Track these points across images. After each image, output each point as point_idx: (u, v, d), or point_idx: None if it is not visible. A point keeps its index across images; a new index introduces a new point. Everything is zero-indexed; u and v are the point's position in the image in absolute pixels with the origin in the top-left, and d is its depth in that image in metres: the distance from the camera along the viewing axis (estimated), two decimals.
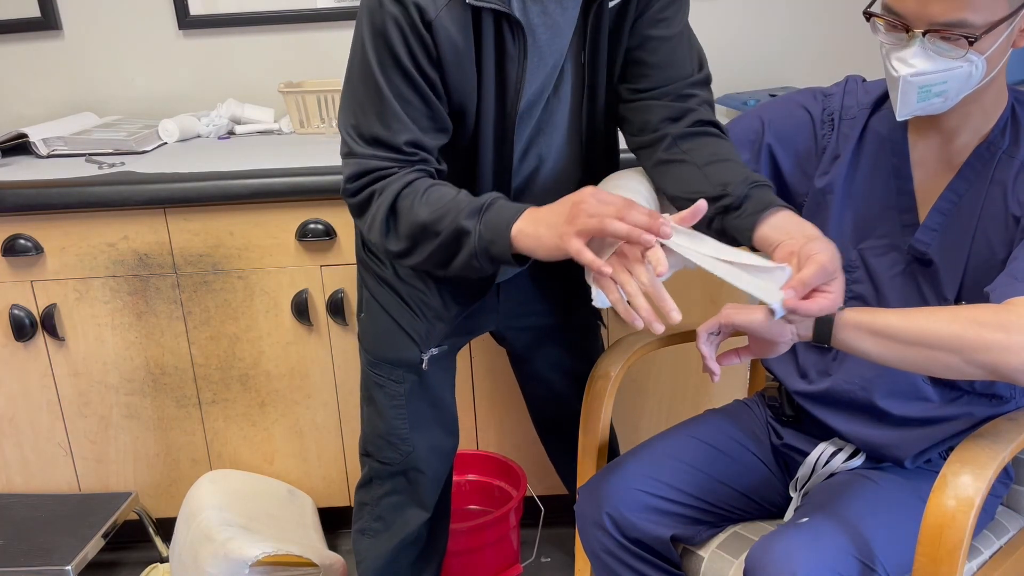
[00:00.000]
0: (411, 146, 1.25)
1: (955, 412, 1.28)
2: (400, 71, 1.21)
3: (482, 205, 1.18)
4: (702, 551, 1.36)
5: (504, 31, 1.23)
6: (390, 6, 1.19)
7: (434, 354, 1.52)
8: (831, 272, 1.08)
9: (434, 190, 1.23)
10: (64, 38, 2.30)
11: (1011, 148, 1.20)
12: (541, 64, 1.29)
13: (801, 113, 1.37)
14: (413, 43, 1.20)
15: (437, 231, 1.20)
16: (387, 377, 1.53)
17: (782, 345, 1.17)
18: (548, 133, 1.36)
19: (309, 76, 2.26)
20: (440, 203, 1.21)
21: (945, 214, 1.25)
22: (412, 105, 1.23)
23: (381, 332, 1.51)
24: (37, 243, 1.90)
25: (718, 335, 1.22)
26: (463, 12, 1.20)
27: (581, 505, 1.40)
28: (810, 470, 1.38)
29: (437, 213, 1.20)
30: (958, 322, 1.05)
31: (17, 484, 2.11)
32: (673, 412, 2.08)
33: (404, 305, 1.48)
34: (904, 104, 1.16)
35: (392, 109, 1.22)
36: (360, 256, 1.54)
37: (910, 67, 1.13)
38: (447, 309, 1.49)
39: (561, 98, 1.34)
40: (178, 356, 2.00)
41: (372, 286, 1.52)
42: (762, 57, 2.32)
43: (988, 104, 1.20)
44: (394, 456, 1.56)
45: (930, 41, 1.11)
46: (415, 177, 1.25)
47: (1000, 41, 1.12)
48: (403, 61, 1.20)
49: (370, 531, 1.63)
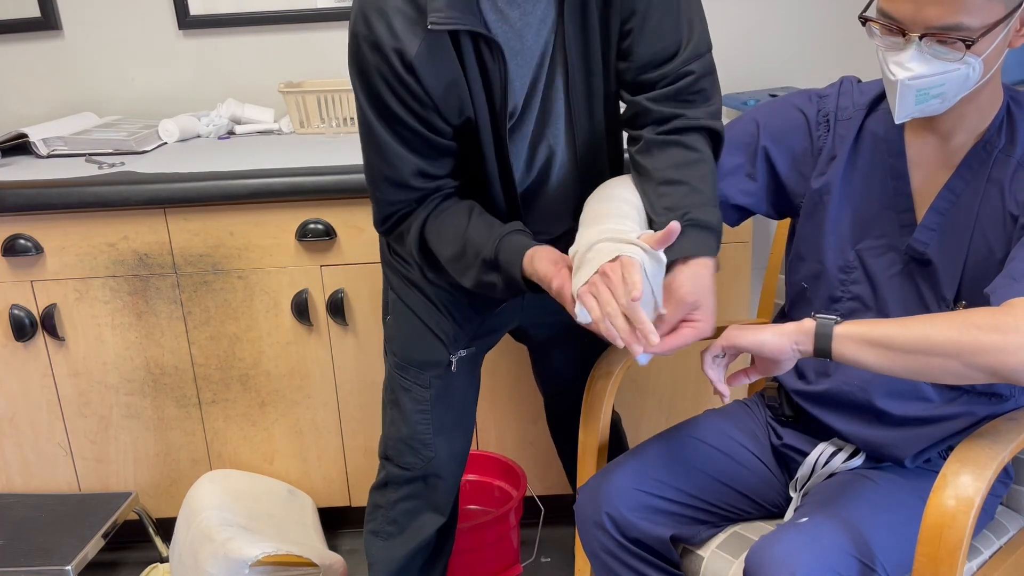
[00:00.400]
0: (419, 178, 1.31)
1: (955, 411, 1.28)
2: (392, 117, 1.26)
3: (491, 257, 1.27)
4: (702, 551, 1.36)
5: (480, 45, 1.24)
6: (370, 56, 1.22)
7: (462, 356, 1.52)
8: (691, 304, 1.16)
9: (448, 224, 1.32)
10: (64, 38, 2.30)
11: (1007, 147, 1.20)
12: (525, 60, 1.29)
13: (796, 114, 1.37)
14: (399, 89, 1.23)
15: (467, 262, 1.31)
16: (414, 381, 1.52)
17: (786, 363, 1.18)
18: (553, 123, 1.36)
19: (309, 76, 2.26)
20: (456, 238, 1.31)
21: (943, 214, 1.25)
22: (411, 142, 1.28)
23: (409, 334, 1.51)
24: (37, 243, 1.90)
25: (723, 357, 1.22)
26: (440, 39, 1.22)
27: (581, 505, 1.40)
28: (810, 470, 1.38)
29: (458, 248, 1.30)
30: (955, 327, 1.05)
31: (17, 484, 2.11)
32: (673, 412, 2.08)
33: (432, 306, 1.49)
34: (902, 107, 1.16)
35: (393, 150, 1.28)
36: (385, 258, 1.54)
37: (907, 71, 1.13)
38: (475, 310, 1.50)
39: (558, 87, 1.34)
40: (178, 356, 2.00)
41: (398, 287, 1.52)
42: (762, 57, 2.32)
43: (984, 103, 1.20)
44: (414, 462, 1.56)
45: (927, 45, 1.11)
46: (430, 210, 1.33)
47: (996, 42, 1.12)
48: (393, 108, 1.25)
49: (383, 534, 1.62)
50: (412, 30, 1.19)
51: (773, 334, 1.16)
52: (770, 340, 1.16)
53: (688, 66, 1.30)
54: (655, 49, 1.30)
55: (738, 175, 1.38)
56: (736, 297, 1.97)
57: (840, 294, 1.34)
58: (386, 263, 1.54)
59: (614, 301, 1.10)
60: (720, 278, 1.94)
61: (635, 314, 1.08)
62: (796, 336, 1.14)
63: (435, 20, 1.18)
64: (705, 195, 1.25)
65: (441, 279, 1.45)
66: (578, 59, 1.31)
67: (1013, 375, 1.03)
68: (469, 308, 1.49)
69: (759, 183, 1.38)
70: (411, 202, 1.33)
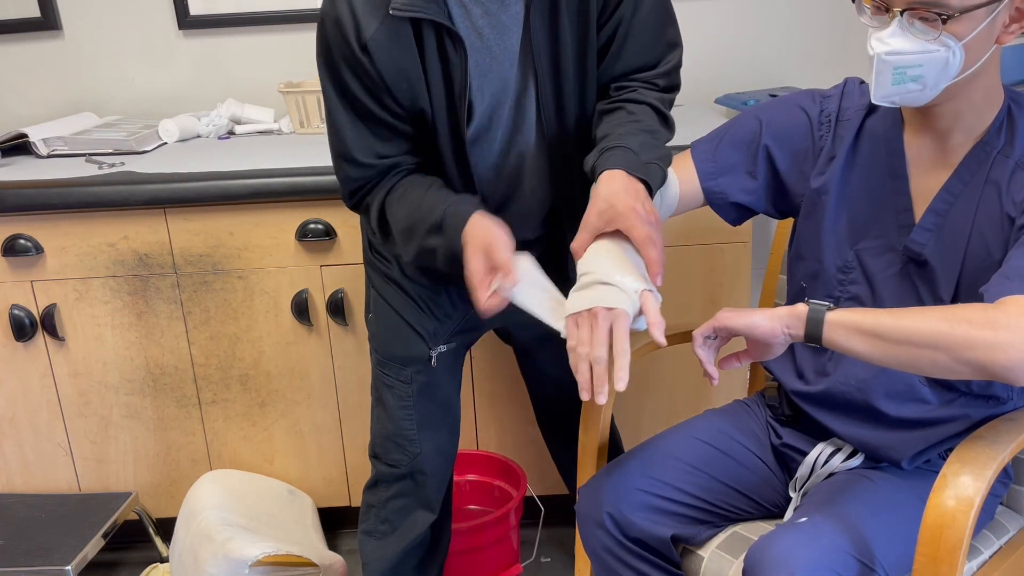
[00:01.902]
0: (375, 157, 1.34)
1: (952, 414, 1.28)
2: (349, 96, 1.29)
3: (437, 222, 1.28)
4: (702, 551, 1.37)
5: (444, 39, 1.25)
6: (332, 33, 1.26)
7: (442, 351, 1.53)
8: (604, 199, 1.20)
9: (407, 194, 1.33)
10: (64, 38, 2.30)
11: (1006, 148, 1.20)
12: (494, 64, 1.29)
13: (799, 114, 1.37)
14: (356, 68, 1.26)
15: (415, 230, 1.31)
16: (396, 377, 1.53)
17: (777, 347, 1.19)
18: (524, 131, 1.37)
19: (309, 76, 2.26)
20: (411, 207, 1.32)
21: (940, 214, 1.25)
22: (367, 120, 1.31)
23: (389, 330, 1.52)
24: (37, 243, 1.90)
25: (715, 339, 1.23)
26: (401, 25, 1.23)
27: (581, 504, 1.40)
28: (809, 470, 1.38)
29: (411, 216, 1.32)
30: (946, 320, 1.05)
31: (17, 484, 2.11)
32: (673, 412, 2.08)
33: (411, 302, 1.50)
34: (879, 85, 1.16)
35: (349, 129, 1.31)
36: (367, 257, 1.55)
37: (886, 46, 1.13)
38: (454, 307, 1.51)
39: (529, 95, 1.35)
40: (178, 356, 2.00)
41: (379, 285, 1.53)
42: (762, 57, 2.32)
43: (979, 102, 1.20)
44: (400, 458, 1.57)
45: (907, 20, 1.12)
46: (394, 183, 1.35)
47: (979, 30, 1.11)
48: (351, 87, 1.27)
49: (376, 533, 1.63)
50: (373, 12, 1.23)
51: (765, 317, 1.17)
52: (761, 323, 1.17)
53: (656, 79, 1.36)
54: (633, 65, 1.36)
55: (738, 172, 1.38)
56: (736, 297, 1.97)
57: (838, 294, 1.34)
58: (367, 262, 1.56)
59: (588, 346, 1.13)
60: (720, 278, 1.96)
61: (598, 367, 1.12)
62: (788, 320, 1.15)
63: (396, 6, 1.21)
64: (635, 131, 1.28)
65: (421, 276, 1.47)
66: (547, 67, 1.32)
67: (1003, 372, 1.03)
68: (449, 305, 1.51)
69: (759, 181, 1.38)
70: (371, 178, 1.36)
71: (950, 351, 1.05)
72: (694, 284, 1.97)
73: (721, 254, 1.94)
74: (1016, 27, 1.14)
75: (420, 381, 1.53)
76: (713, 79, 2.30)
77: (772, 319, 1.16)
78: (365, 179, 1.36)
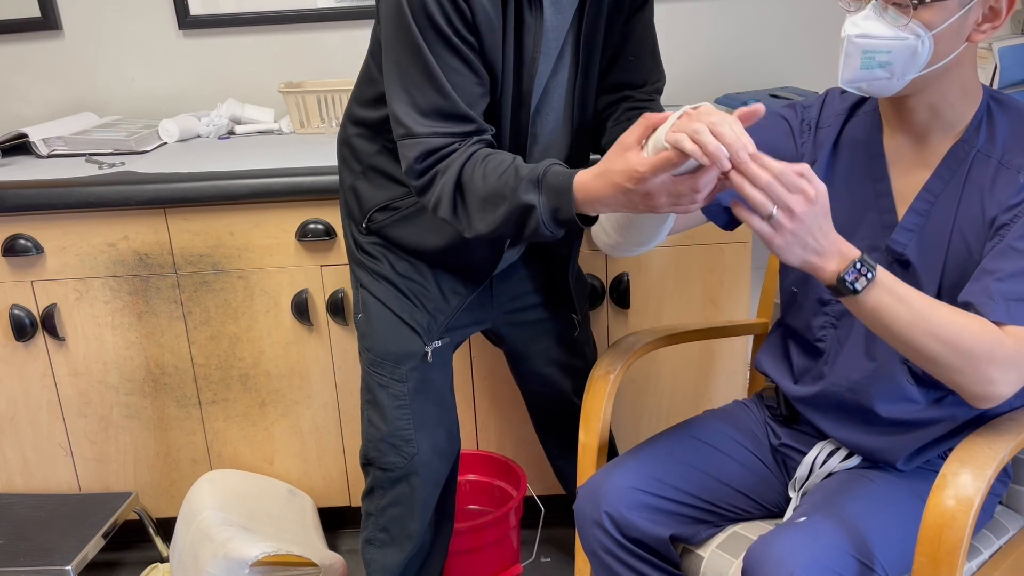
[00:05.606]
0: (471, 113, 1.26)
1: (940, 415, 1.28)
2: (444, 42, 1.23)
3: (539, 176, 1.20)
4: (701, 551, 1.37)
5: (523, 2, 1.25)
6: None
7: (437, 347, 1.53)
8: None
9: (492, 159, 1.24)
10: (64, 38, 2.31)
11: (986, 147, 1.20)
12: (547, 41, 1.31)
13: (780, 122, 1.39)
14: (451, 12, 1.22)
15: (501, 202, 1.22)
16: (390, 376, 1.52)
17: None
18: (544, 113, 1.38)
19: (309, 76, 2.26)
20: (499, 172, 1.22)
21: (922, 214, 1.25)
22: (461, 74, 1.25)
23: (382, 328, 1.51)
24: (37, 243, 1.90)
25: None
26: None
27: (580, 504, 1.40)
28: (808, 469, 1.38)
29: (499, 184, 1.22)
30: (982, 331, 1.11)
31: (17, 484, 2.11)
32: (673, 412, 2.08)
33: (403, 297, 1.50)
34: (847, 67, 1.17)
35: (448, 79, 1.24)
36: (353, 256, 1.54)
37: (856, 28, 1.14)
38: (446, 300, 1.51)
39: (559, 80, 1.36)
40: (178, 356, 2.00)
41: (369, 284, 1.52)
42: (762, 57, 2.32)
43: (955, 99, 1.20)
44: (397, 460, 1.56)
45: (882, 5, 1.13)
46: (474, 150, 1.26)
47: (951, 22, 1.11)
48: (445, 31, 1.22)
49: (377, 541, 1.63)
50: None
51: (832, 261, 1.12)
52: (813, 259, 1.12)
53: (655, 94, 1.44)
54: (629, 80, 1.42)
55: None
56: (736, 297, 1.97)
57: (828, 297, 1.34)
58: (354, 261, 1.54)
59: (699, 123, 1.04)
60: (720, 278, 1.96)
61: (719, 128, 1.03)
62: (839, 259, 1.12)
63: None
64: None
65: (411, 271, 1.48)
66: (585, 58, 1.35)
67: (971, 400, 1.13)
68: (440, 298, 1.51)
69: None
70: (456, 138, 1.27)
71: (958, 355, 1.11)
72: (694, 284, 1.97)
73: (721, 254, 1.94)
74: (988, 27, 1.14)
75: (415, 379, 1.52)
76: (713, 79, 2.30)
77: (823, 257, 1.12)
78: (450, 139, 1.26)
